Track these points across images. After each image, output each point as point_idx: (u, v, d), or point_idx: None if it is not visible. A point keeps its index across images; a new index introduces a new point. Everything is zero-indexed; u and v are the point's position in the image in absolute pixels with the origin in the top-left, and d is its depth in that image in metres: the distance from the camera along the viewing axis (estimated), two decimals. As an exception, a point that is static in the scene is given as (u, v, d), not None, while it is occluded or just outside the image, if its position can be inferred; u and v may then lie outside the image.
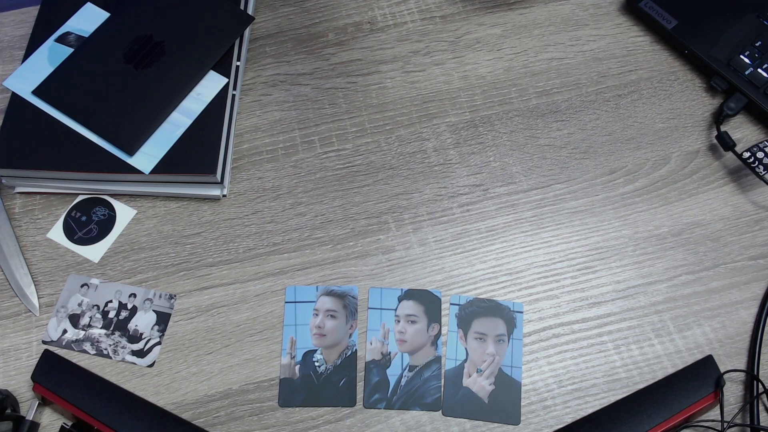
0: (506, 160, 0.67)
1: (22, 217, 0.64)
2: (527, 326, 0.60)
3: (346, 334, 0.59)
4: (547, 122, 0.69)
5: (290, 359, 0.58)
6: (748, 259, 0.62)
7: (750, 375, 0.57)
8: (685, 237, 0.63)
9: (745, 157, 0.64)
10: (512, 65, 0.72)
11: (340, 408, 0.57)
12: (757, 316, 0.60)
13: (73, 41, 0.68)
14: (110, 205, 0.65)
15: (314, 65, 0.72)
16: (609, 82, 0.71)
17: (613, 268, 0.62)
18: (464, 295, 0.60)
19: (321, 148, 0.67)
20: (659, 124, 0.69)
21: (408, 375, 0.57)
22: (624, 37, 0.73)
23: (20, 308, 0.60)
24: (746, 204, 0.65)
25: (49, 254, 0.62)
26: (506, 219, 0.64)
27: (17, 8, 0.75)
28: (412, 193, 0.65)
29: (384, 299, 0.60)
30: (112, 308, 0.60)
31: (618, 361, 0.58)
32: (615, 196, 0.65)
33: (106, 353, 0.58)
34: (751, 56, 0.68)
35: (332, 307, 0.60)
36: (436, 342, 0.59)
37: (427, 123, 0.69)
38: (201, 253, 0.63)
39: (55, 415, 0.56)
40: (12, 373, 0.58)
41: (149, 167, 0.62)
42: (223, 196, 0.65)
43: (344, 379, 0.57)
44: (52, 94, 0.65)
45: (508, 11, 0.75)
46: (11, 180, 0.64)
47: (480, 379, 0.57)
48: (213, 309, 0.60)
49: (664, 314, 0.60)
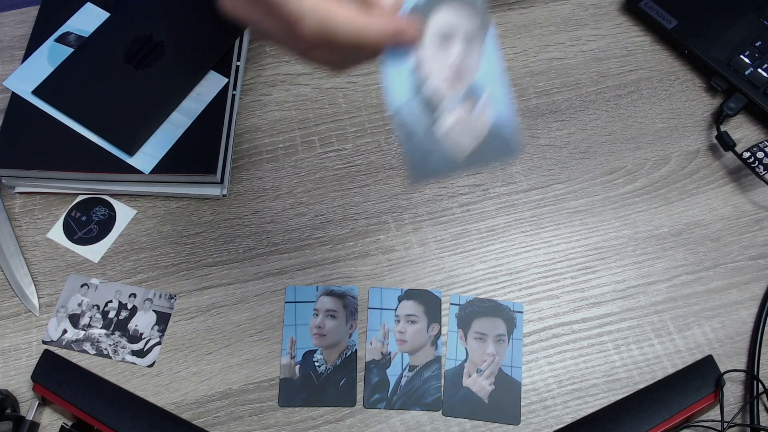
0: (506, 160, 0.67)
1: (22, 217, 0.64)
2: (527, 326, 0.60)
3: (346, 334, 0.59)
4: (547, 122, 0.69)
5: (290, 359, 0.58)
6: (748, 259, 0.62)
7: (750, 375, 0.57)
8: (685, 237, 0.63)
9: (745, 157, 0.64)
10: (512, 65, 0.72)
11: (340, 408, 0.57)
12: (757, 316, 0.60)
13: (73, 41, 0.68)
14: (110, 205, 0.65)
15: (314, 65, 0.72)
16: (609, 82, 0.71)
17: (613, 268, 0.62)
18: (464, 295, 0.60)
19: (321, 148, 0.67)
20: (659, 124, 0.69)
21: (408, 375, 0.57)
22: (624, 37, 0.73)
23: (20, 308, 0.60)
24: (746, 204, 0.65)
25: (49, 254, 0.62)
26: (506, 219, 0.64)
27: (17, 8, 0.75)
28: (412, 193, 0.65)
29: (384, 299, 0.60)
30: (112, 308, 0.60)
31: (618, 361, 0.58)
32: (615, 196, 0.65)
33: (106, 353, 0.58)
34: (751, 56, 0.68)
35: (332, 307, 0.60)
36: (436, 342, 0.59)
37: (427, 123, 0.69)
38: (201, 253, 0.63)
39: (55, 415, 0.56)
40: (12, 373, 0.58)
41: (149, 167, 0.62)
42: (223, 196, 0.65)
43: (344, 379, 0.57)
44: (52, 94, 0.65)
45: (508, 11, 0.75)
46: (11, 180, 0.64)
47: (480, 379, 0.57)
48: (213, 309, 0.60)
49: (664, 314, 0.60)
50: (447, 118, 0.38)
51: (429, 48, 0.38)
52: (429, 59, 0.38)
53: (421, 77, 0.38)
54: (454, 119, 0.38)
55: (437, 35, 0.38)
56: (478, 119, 0.38)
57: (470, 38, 0.38)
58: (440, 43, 0.38)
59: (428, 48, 0.38)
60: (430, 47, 0.38)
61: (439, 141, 0.38)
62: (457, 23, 0.38)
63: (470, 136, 0.38)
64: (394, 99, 0.38)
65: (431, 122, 0.38)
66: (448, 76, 0.38)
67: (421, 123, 0.38)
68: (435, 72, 0.38)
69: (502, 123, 0.38)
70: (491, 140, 0.38)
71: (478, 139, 0.38)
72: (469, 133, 0.38)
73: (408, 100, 0.38)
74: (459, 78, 0.38)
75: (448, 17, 0.38)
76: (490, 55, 0.38)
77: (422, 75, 0.38)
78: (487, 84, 0.38)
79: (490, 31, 0.38)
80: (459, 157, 0.38)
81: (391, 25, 0.36)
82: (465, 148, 0.38)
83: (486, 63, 0.38)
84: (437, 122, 0.38)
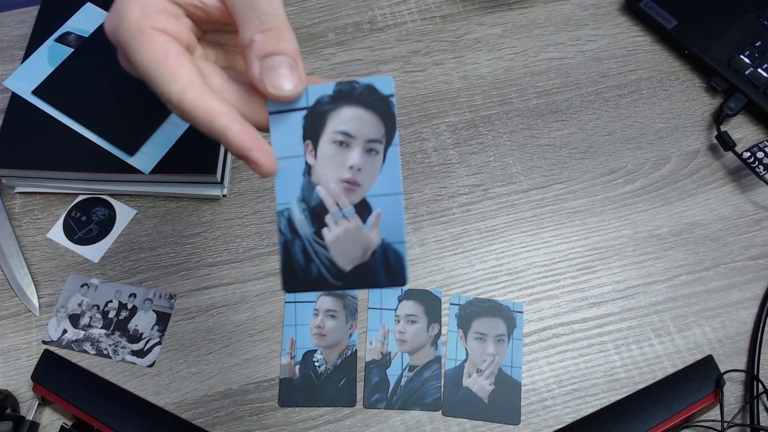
0: (506, 160, 0.67)
1: (22, 217, 0.64)
2: (527, 326, 0.60)
3: (346, 334, 0.59)
4: (547, 122, 0.69)
5: (290, 359, 0.58)
6: (748, 259, 0.62)
7: (750, 375, 0.57)
8: (685, 237, 0.63)
9: (745, 157, 0.64)
10: (512, 65, 0.72)
11: (340, 408, 0.57)
12: (757, 316, 0.60)
13: (73, 41, 0.68)
14: (110, 205, 0.65)
15: (314, 65, 0.72)
16: (609, 82, 0.71)
17: (613, 268, 0.62)
18: (464, 295, 0.60)
19: (321, 148, 0.67)
20: (659, 124, 0.69)
21: (408, 375, 0.57)
22: (624, 37, 0.73)
23: (20, 308, 0.60)
24: (746, 204, 0.65)
25: (49, 254, 0.62)
26: (506, 219, 0.64)
27: (17, 8, 0.75)
28: (412, 193, 0.65)
29: (384, 299, 0.60)
30: (112, 308, 0.60)
31: (618, 361, 0.58)
32: (615, 196, 0.65)
33: (106, 353, 0.58)
34: (751, 56, 0.68)
35: (332, 307, 0.60)
36: (436, 342, 0.59)
37: (427, 123, 0.69)
38: (201, 253, 0.63)
39: (55, 415, 0.56)
40: (12, 373, 0.58)
41: (149, 167, 0.62)
42: (223, 196, 0.65)
43: (344, 379, 0.57)
44: (52, 94, 0.65)
45: (508, 11, 0.75)
46: (11, 180, 0.64)
47: (480, 379, 0.57)
48: (213, 309, 0.60)
49: (664, 314, 0.60)
50: (333, 229, 0.36)
51: (327, 151, 0.36)
52: (324, 163, 0.36)
53: (312, 180, 0.36)
54: (341, 231, 0.36)
55: (336, 140, 0.36)
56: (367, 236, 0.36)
57: (371, 148, 0.36)
58: (338, 148, 0.36)
59: (326, 151, 0.36)
60: (328, 150, 0.36)
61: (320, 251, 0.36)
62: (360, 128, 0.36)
63: (355, 251, 0.36)
64: (280, 197, 0.36)
65: (316, 230, 0.36)
66: (342, 184, 0.36)
67: (305, 229, 0.36)
68: (328, 178, 0.36)
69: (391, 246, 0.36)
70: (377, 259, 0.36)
71: (364, 257, 0.36)
72: (355, 249, 0.36)
73: (296, 202, 0.36)
74: (352, 189, 0.36)
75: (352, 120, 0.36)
76: (391, 169, 0.36)
77: (315, 178, 0.36)
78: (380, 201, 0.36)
79: (395, 142, 0.36)
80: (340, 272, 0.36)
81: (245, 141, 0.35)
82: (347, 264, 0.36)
83: (385, 177, 0.36)
84: (322, 231, 0.36)
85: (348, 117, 0.36)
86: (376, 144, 0.36)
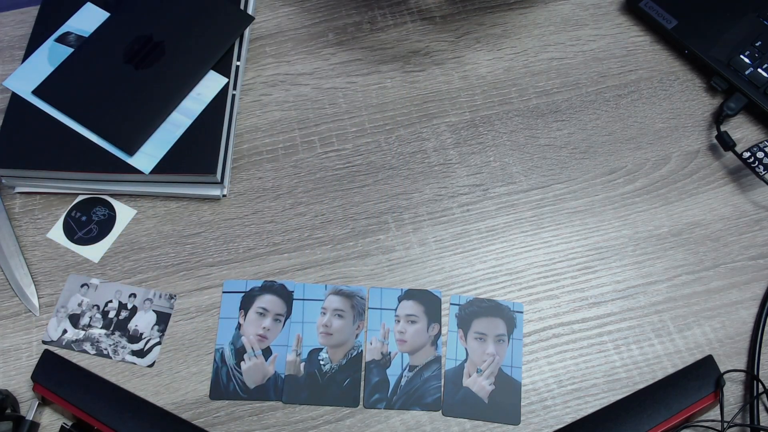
0: (506, 160, 0.67)
1: (22, 217, 0.64)
2: (527, 326, 0.60)
3: (352, 335, 0.59)
4: (547, 122, 0.69)
5: (296, 356, 0.58)
6: (748, 259, 0.62)
7: (750, 375, 0.57)
8: (685, 237, 0.63)
9: (745, 157, 0.64)
10: (512, 65, 0.72)
11: (341, 408, 0.57)
12: (757, 316, 0.60)
13: (73, 41, 0.68)
14: (110, 205, 0.65)
15: (314, 65, 0.72)
16: (609, 82, 0.71)
17: (613, 268, 0.62)
18: (464, 295, 0.60)
19: (321, 148, 0.67)
20: (659, 124, 0.69)
21: (408, 375, 0.57)
22: (624, 37, 0.73)
23: (20, 308, 0.60)
24: (746, 204, 0.65)
25: (49, 254, 0.62)
26: (506, 219, 0.64)
27: (17, 8, 0.75)
28: (412, 193, 0.65)
29: (384, 299, 0.60)
30: (112, 308, 0.60)
31: (618, 361, 0.58)
32: (615, 196, 0.65)
33: (106, 353, 0.58)
34: (751, 56, 0.68)
35: (340, 307, 0.60)
36: (436, 342, 0.59)
37: (427, 123, 0.69)
38: (201, 253, 0.63)
39: (55, 415, 0.56)
40: (12, 373, 0.58)
41: (149, 167, 0.62)
42: (223, 196, 0.65)
43: (348, 380, 0.57)
44: (52, 94, 0.65)
45: (508, 11, 0.75)
46: (11, 180, 0.64)
47: (480, 379, 0.57)
48: (213, 309, 0.60)
49: (664, 314, 0.60)
50: (247, 362, 0.58)
51: (251, 317, 0.59)
52: (249, 324, 0.59)
53: (240, 332, 0.59)
54: (251, 364, 0.58)
55: (258, 311, 0.59)
56: (266, 368, 0.57)
57: (278, 318, 0.59)
58: (258, 316, 0.59)
59: (251, 317, 0.59)
60: (252, 316, 0.59)
61: (237, 375, 0.57)
62: (272, 306, 0.59)
63: (258, 377, 0.57)
64: (219, 340, 0.58)
65: (236, 362, 0.58)
66: (257, 337, 0.58)
67: (230, 361, 0.58)
68: (249, 332, 0.59)
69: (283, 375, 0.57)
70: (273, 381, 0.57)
71: (262, 380, 0.57)
72: (258, 375, 0.57)
73: (227, 344, 0.58)
74: (263, 340, 0.58)
75: (269, 302, 0.60)
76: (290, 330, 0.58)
77: (242, 331, 0.59)
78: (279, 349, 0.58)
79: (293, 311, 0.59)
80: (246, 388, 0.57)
81: None
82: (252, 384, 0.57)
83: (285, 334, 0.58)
84: (241, 363, 0.58)
85: (266, 300, 0.60)
86: (280, 316, 0.59)
